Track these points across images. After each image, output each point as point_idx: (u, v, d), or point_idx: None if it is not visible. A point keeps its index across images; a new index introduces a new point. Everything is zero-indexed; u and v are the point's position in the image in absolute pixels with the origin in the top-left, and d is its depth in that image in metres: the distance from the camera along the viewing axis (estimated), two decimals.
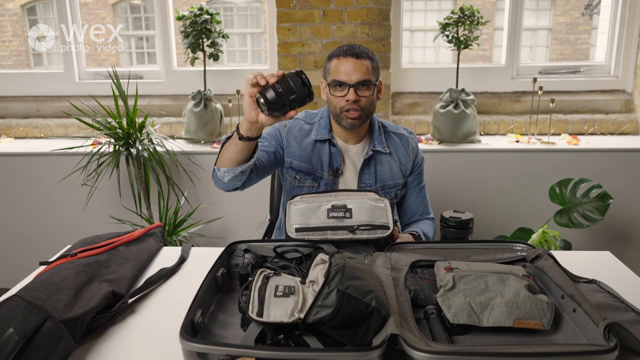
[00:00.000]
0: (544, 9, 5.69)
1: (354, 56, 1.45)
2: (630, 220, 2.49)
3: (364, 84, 1.46)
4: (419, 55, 5.72)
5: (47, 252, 1.45)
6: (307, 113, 1.63)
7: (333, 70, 1.47)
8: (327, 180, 1.54)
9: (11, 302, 0.86)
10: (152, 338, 0.95)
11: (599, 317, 0.83)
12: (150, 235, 1.36)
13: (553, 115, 2.65)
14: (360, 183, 1.56)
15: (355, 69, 1.44)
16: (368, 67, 1.47)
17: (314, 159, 1.55)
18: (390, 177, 1.58)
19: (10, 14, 5.20)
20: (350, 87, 1.45)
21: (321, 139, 1.55)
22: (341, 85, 1.46)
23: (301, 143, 1.56)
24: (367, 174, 1.56)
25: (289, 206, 1.22)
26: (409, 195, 1.65)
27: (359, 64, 1.45)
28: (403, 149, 1.61)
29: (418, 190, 1.65)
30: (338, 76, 1.46)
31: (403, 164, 1.60)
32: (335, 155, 1.55)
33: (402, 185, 1.62)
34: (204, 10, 2.48)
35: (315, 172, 1.54)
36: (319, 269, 0.91)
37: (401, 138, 1.63)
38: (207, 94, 2.55)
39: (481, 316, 0.89)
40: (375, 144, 1.57)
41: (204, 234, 2.50)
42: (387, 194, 1.58)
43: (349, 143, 1.58)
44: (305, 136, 1.57)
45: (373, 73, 1.49)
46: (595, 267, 1.23)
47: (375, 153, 1.57)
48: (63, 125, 2.77)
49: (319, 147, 1.55)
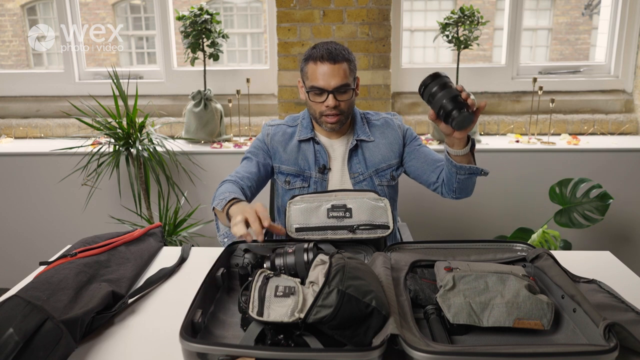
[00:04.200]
0: (544, 9, 5.69)
1: (331, 61, 1.43)
2: (630, 220, 2.49)
3: (342, 89, 1.45)
4: (419, 55, 5.72)
5: (47, 252, 1.45)
6: (290, 117, 1.63)
7: (310, 75, 1.46)
8: (316, 179, 1.54)
9: (11, 302, 0.86)
10: (152, 338, 0.95)
11: (599, 317, 0.83)
12: (150, 235, 1.36)
13: (553, 115, 2.65)
14: (352, 174, 1.54)
15: (333, 75, 1.43)
16: (345, 71, 1.45)
17: (300, 160, 1.55)
18: (382, 160, 1.56)
19: (10, 14, 5.21)
20: (329, 94, 1.44)
21: (304, 139, 1.55)
22: (320, 91, 1.45)
23: (286, 147, 1.56)
24: (356, 163, 1.55)
25: (289, 206, 1.22)
26: (415, 161, 1.58)
27: (336, 69, 1.43)
28: (389, 130, 1.59)
29: (420, 152, 1.59)
30: (316, 82, 1.44)
31: (392, 143, 1.58)
32: (320, 152, 1.55)
33: (397, 165, 1.58)
34: (204, 10, 2.48)
35: (303, 173, 1.54)
36: (319, 269, 0.91)
37: (385, 121, 1.61)
38: (207, 94, 2.55)
39: (481, 316, 0.89)
40: (359, 133, 1.56)
41: (204, 234, 2.50)
42: (383, 177, 1.56)
43: (332, 138, 1.57)
44: (289, 139, 1.57)
45: (350, 75, 1.47)
46: (595, 267, 1.23)
47: (360, 142, 1.56)
48: (63, 125, 2.77)
49: (304, 147, 1.55)
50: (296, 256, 1.03)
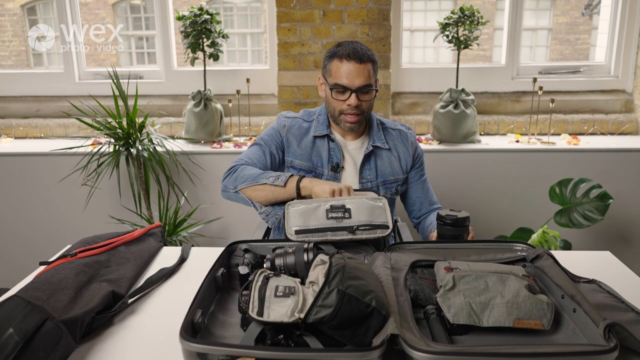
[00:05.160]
0: (544, 9, 5.69)
1: (357, 60, 1.44)
2: (630, 220, 2.49)
3: (365, 89, 1.45)
4: (419, 55, 5.72)
5: (47, 252, 1.45)
6: (306, 112, 1.63)
7: (334, 72, 1.47)
8: (328, 177, 1.54)
9: (11, 302, 0.85)
10: (152, 338, 0.95)
11: (599, 317, 0.83)
12: (150, 235, 1.36)
13: (553, 115, 2.65)
14: (361, 179, 1.56)
15: (358, 74, 1.43)
16: (370, 72, 1.46)
17: (314, 156, 1.55)
18: (391, 173, 1.58)
19: (10, 14, 5.21)
20: (352, 92, 1.44)
21: (320, 135, 1.56)
22: (343, 89, 1.45)
23: (301, 142, 1.56)
24: (367, 170, 1.56)
25: (288, 208, 1.21)
26: (413, 189, 1.65)
27: (362, 68, 1.44)
28: (402, 145, 1.61)
29: (422, 183, 1.66)
30: (340, 80, 1.45)
31: (403, 159, 1.61)
32: (334, 150, 1.55)
33: (403, 181, 1.62)
34: (204, 10, 2.48)
35: (316, 169, 1.55)
36: (319, 269, 0.91)
37: (400, 134, 1.63)
38: (207, 94, 2.55)
39: (481, 316, 0.89)
40: (374, 139, 1.57)
41: (204, 234, 2.50)
42: (388, 190, 1.58)
43: (347, 139, 1.58)
44: (305, 134, 1.57)
45: (374, 76, 1.48)
46: (595, 267, 1.23)
47: (375, 148, 1.57)
48: (63, 125, 2.77)
49: (318, 144, 1.56)
50: (296, 256, 1.03)
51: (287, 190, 1.37)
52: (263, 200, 1.42)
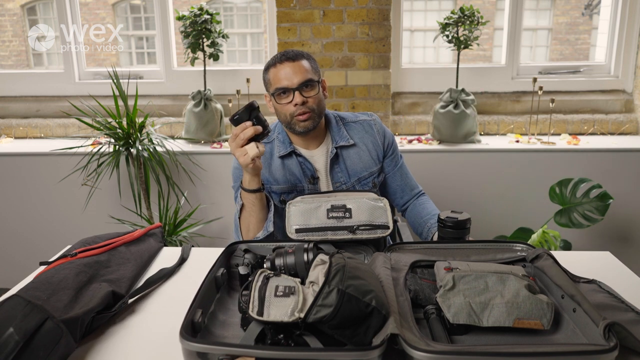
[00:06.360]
0: (544, 9, 5.70)
1: (289, 60, 1.44)
2: (630, 220, 2.49)
3: (307, 85, 1.44)
4: (419, 55, 5.72)
5: (47, 252, 1.45)
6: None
7: (273, 79, 1.46)
8: (309, 190, 1.53)
9: (11, 302, 0.86)
10: (152, 338, 0.95)
11: (598, 317, 0.83)
12: (150, 235, 1.36)
13: (553, 115, 2.65)
14: (334, 183, 1.54)
15: (294, 72, 1.43)
16: (306, 67, 1.45)
17: (289, 175, 1.52)
18: (363, 168, 1.56)
19: (10, 14, 5.21)
20: (294, 91, 1.43)
21: (285, 154, 1.52)
22: (285, 91, 1.44)
23: (270, 166, 1.53)
24: (338, 172, 1.54)
25: (289, 207, 1.21)
26: (392, 178, 1.62)
27: (296, 66, 1.43)
28: (368, 135, 1.58)
29: (399, 170, 1.63)
30: (279, 83, 1.44)
31: (373, 150, 1.58)
32: (304, 163, 1.52)
33: (378, 172, 1.59)
34: (204, 10, 2.48)
35: (296, 187, 1.52)
36: (319, 269, 0.91)
37: (363, 124, 1.60)
38: (207, 94, 2.55)
39: (481, 316, 0.89)
40: (336, 140, 1.54)
41: (204, 234, 2.50)
42: (365, 185, 1.56)
43: (310, 149, 1.55)
44: (270, 158, 1.54)
45: (313, 71, 1.46)
46: (595, 267, 1.23)
47: (339, 149, 1.54)
48: (63, 125, 2.77)
49: (287, 163, 1.53)
50: (296, 256, 1.03)
51: (251, 197, 1.38)
52: (258, 221, 1.40)
